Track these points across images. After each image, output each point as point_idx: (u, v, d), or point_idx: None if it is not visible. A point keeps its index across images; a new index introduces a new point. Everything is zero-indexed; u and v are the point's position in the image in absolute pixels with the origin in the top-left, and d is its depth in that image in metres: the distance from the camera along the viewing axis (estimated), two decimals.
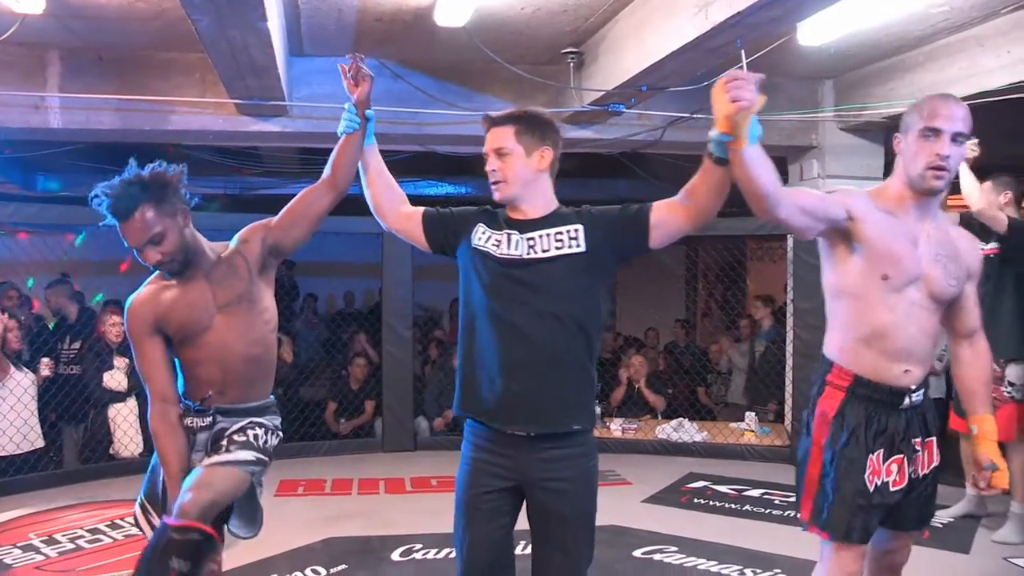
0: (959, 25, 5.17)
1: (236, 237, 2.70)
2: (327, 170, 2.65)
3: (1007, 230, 4.23)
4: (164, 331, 2.55)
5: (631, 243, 2.38)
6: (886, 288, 2.32)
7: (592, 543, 2.44)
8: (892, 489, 2.35)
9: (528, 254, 2.35)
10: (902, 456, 2.37)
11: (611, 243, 2.36)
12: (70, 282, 6.89)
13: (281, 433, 2.75)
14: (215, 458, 2.51)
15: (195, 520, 2.31)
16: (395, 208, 2.63)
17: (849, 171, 6.52)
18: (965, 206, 4.57)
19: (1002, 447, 4.30)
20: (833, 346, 2.45)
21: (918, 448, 2.40)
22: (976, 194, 4.24)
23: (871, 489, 2.33)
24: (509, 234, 2.38)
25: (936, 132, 2.28)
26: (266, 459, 2.60)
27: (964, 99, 5.17)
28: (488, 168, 2.40)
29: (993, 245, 4.38)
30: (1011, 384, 4.29)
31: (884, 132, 6.46)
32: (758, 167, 2.12)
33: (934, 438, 2.47)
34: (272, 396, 2.76)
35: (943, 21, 5.10)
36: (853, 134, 6.57)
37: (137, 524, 2.68)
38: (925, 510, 2.48)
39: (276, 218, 2.70)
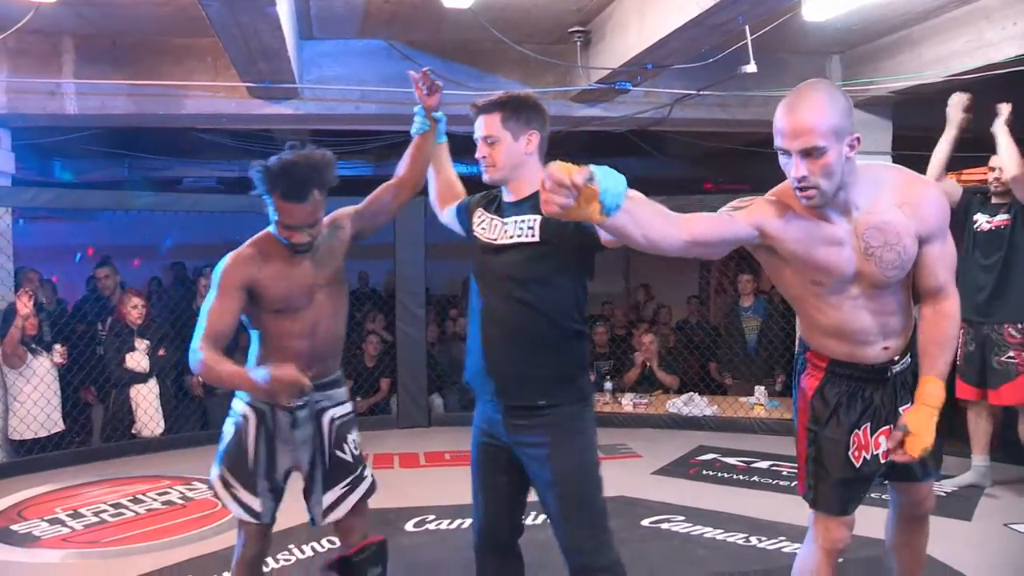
0: None
1: (328, 220, 2.77)
2: (400, 168, 2.81)
3: None
4: (253, 295, 2.62)
5: (582, 240, 2.38)
6: (822, 292, 2.23)
7: (595, 509, 2.47)
8: (883, 461, 2.33)
9: (498, 239, 2.50)
10: (890, 427, 2.30)
11: (563, 237, 2.40)
12: (113, 263, 7.00)
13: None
14: (354, 495, 2.78)
15: (363, 542, 2.73)
16: (448, 204, 2.80)
17: None
18: (982, 180, 4.58)
19: (1015, 412, 4.39)
20: (803, 333, 2.42)
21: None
22: (1013, 161, 4.22)
23: (858, 464, 2.32)
24: (492, 219, 2.54)
25: (785, 152, 2.06)
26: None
27: (970, 72, 5.30)
28: (478, 155, 2.50)
29: (1003, 217, 4.41)
30: None
31: (892, 107, 6.47)
32: (625, 232, 1.94)
33: None
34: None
35: None
36: (861, 109, 6.56)
37: (216, 496, 2.81)
38: (928, 459, 2.34)
39: (361, 206, 2.84)
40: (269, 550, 2.92)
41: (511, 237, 2.46)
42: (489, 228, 2.53)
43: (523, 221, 2.45)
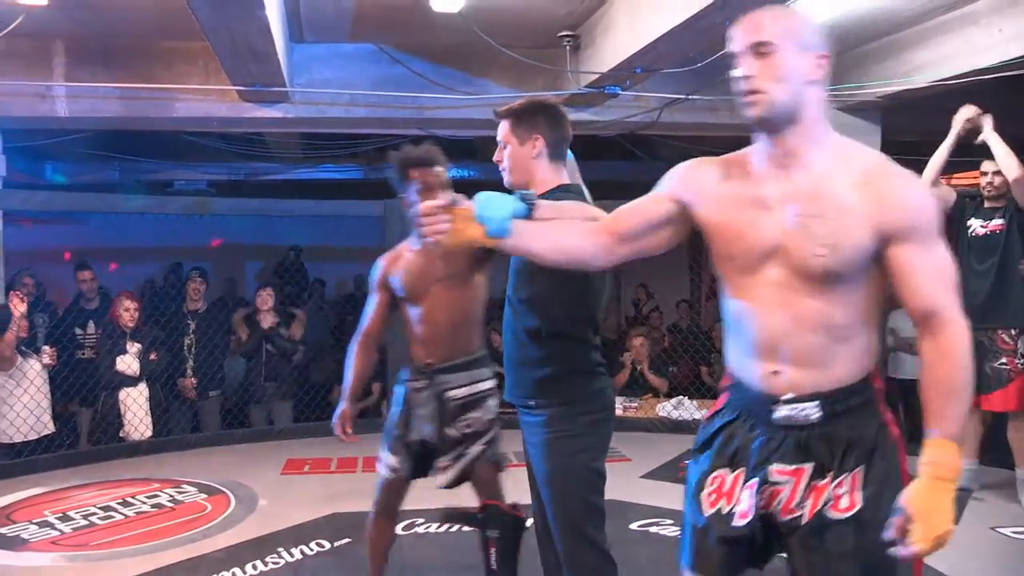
0: (953, 3, 5.21)
1: None
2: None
3: None
4: (390, 287, 3.12)
5: None
6: (736, 269, 1.81)
7: (574, 514, 2.47)
8: (736, 523, 1.80)
9: None
10: (755, 481, 1.78)
11: None
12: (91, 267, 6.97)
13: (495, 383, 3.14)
14: (480, 453, 3.00)
15: (491, 499, 2.97)
16: None
17: None
18: (973, 184, 4.58)
19: (1006, 417, 4.39)
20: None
21: (780, 479, 1.77)
22: (1013, 162, 4.19)
23: (706, 514, 1.85)
24: None
25: (735, 56, 1.76)
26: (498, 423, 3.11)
27: (958, 77, 5.33)
28: (495, 159, 2.63)
29: (998, 222, 4.40)
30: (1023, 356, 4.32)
31: (881, 112, 6.51)
32: (530, 250, 1.96)
33: (847, 475, 1.73)
34: (483, 351, 3.16)
35: None
36: (849, 114, 6.60)
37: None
38: None
39: None
40: (400, 506, 3.20)
41: None
42: None
43: None
